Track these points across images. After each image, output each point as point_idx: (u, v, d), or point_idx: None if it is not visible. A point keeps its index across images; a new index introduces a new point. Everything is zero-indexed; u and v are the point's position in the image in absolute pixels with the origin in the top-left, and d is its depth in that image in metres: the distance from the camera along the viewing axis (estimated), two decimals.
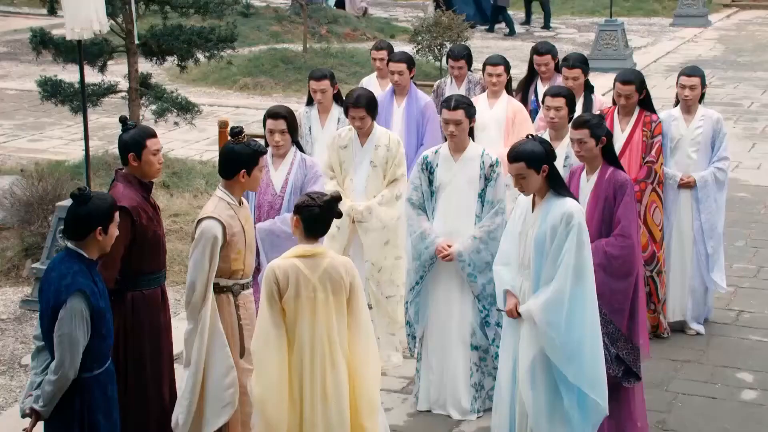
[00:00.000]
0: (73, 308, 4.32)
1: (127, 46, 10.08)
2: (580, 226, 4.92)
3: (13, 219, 8.74)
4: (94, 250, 4.49)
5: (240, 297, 5.07)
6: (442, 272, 6.07)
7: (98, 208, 4.46)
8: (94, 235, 4.44)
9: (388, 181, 6.67)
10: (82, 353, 4.37)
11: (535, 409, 5.02)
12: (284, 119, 6.04)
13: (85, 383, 4.43)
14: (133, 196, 5.14)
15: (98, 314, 4.41)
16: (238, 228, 4.98)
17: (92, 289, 4.39)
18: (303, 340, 4.60)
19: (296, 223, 4.66)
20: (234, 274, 5.03)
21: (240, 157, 5.00)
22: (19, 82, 16.42)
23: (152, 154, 5.21)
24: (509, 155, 5.05)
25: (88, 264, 4.45)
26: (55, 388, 4.36)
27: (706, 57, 18.53)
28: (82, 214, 4.44)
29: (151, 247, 5.15)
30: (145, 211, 5.18)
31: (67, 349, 4.32)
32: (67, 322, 4.32)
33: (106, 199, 4.56)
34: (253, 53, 17.21)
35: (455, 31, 15.14)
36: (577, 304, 4.92)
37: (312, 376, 4.59)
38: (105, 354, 4.53)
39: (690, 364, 6.81)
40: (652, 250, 6.86)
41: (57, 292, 4.35)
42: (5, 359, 6.95)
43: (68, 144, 12.71)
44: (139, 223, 5.10)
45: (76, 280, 4.35)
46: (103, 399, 4.49)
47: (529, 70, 8.31)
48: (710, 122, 7.17)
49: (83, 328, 4.35)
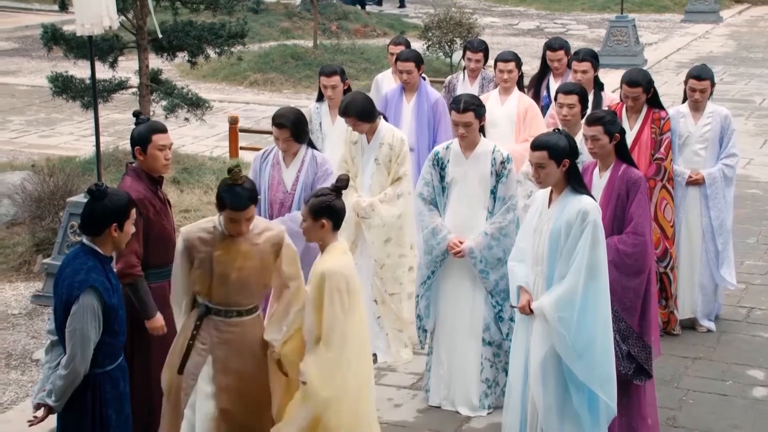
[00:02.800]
0: (85, 304, 4.33)
1: (138, 42, 10.09)
2: (595, 223, 4.91)
3: (25, 214, 8.77)
4: (109, 247, 4.50)
5: (206, 319, 4.79)
6: (454, 267, 6.07)
7: (114, 204, 4.46)
8: (109, 231, 4.44)
9: (392, 179, 6.67)
10: (94, 349, 4.38)
11: (546, 406, 5.01)
12: (288, 129, 6.00)
13: (97, 379, 4.44)
14: (140, 189, 5.17)
15: (110, 310, 4.41)
16: (203, 254, 4.72)
17: (105, 286, 4.40)
18: (354, 336, 4.69)
19: (323, 225, 4.69)
20: (199, 293, 4.82)
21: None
22: (30, 78, 16.47)
23: (157, 150, 5.22)
24: (533, 144, 5.03)
25: (102, 260, 4.45)
26: (66, 383, 4.37)
27: (718, 53, 18.48)
28: (98, 210, 4.44)
29: (158, 241, 5.15)
30: (153, 205, 5.20)
31: (78, 345, 4.34)
32: (79, 318, 4.33)
33: (122, 196, 4.55)
34: (263, 49, 17.23)
35: (465, 27, 15.12)
36: (589, 303, 4.90)
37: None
38: (117, 350, 4.54)
39: (701, 361, 6.80)
40: (665, 246, 6.85)
41: (70, 288, 4.36)
42: (17, 354, 6.97)
43: (79, 140, 12.75)
44: (146, 216, 5.13)
45: (90, 276, 4.36)
46: (114, 394, 4.50)
47: (542, 66, 8.29)
48: (719, 119, 7.15)
49: (95, 324, 4.35)
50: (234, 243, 4.72)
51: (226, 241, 4.72)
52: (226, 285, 4.72)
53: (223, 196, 4.67)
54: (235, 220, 4.67)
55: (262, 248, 4.76)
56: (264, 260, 4.76)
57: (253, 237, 4.76)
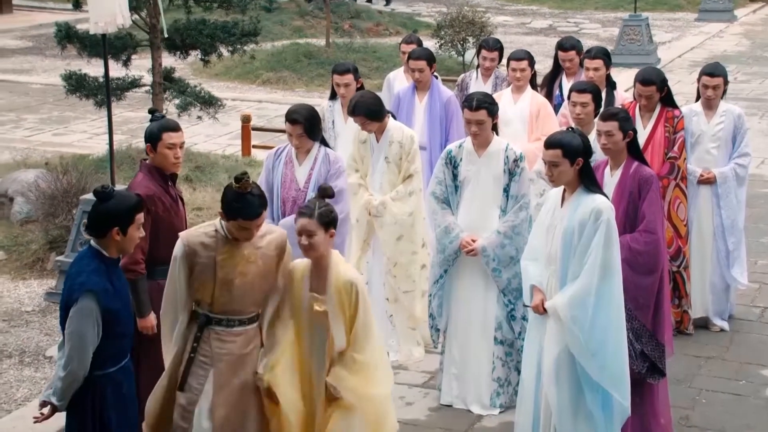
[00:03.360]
0: (82, 308, 4.27)
1: (151, 41, 10.11)
2: (609, 222, 4.89)
3: (38, 212, 8.81)
4: (113, 249, 4.41)
5: (206, 330, 4.63)
6: (467, 266, 6.07)
7: (116, 208, 4.36)
8: (112, 234, 4.37)
9: (403, 177, 6.67)
10: (95, 351, 4.32)
11: (559, 406, 5.00)
12: (301, 125, 5.96)
13: (98, 380, 4.38)
14: (150, 185, 5.18)
15: (111, 314, 4.33)
16: (205, 260, 4.57)
17: (105, 289, 4.32)
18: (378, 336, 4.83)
19: (332, 234, 4.62)
20: (200, 303, 4.65)
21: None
22: (44, 76, 16.53)
23: (167, 147, 5.21)
24: (547, 142, 5.02)
25: (107, 262, 4.39)
26: (64, 384, 4.34)
27: (732, 52, 18.41)
28: (101, 212, 4.38)
29: (167, 238, 5.05)
30: (162, 202, 5.20)
31: (75, 348, 4.29)
32: (76, 321, 4.28)
33: (127, 200, 4.44)
34: (275, 48, 17.24)
35: (478, 26, 15.11)
36: (602, 302, 4.89)
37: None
38: (120, 352, 4.46)
39: (714, 361, 6.77)
40: (678, 245, 6.83)
41: (70, 290, 4.32)
42: (30, 351, 7.00)
43: (92, 138, 12.79)
44: (154, 212, 5.12)
45: (90, 279, 4.30)
46: (116, 396, 4.43)
47: (554, 65, 8.28)
48: (732, 117, 7.12)
49: (93, 328, 4.29)
50: (237, 247, 4.58)
51: (228, 245, 4.57)
52: (229, 291, 4.57)
53: (233, 206, 4.49)
54: (247, 228, 4.53)
55: (266, 251, 4.62)
56: (267, 264, 4.63)
57: (255, 240, 4.61)
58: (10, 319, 7.54)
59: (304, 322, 4.68)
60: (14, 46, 19.36)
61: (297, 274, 4.69)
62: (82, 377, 4.34)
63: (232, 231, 4.57)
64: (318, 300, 4.61)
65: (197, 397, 4.58)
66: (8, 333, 7.31)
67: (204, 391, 4.58)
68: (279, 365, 4.62)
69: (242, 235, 4.56)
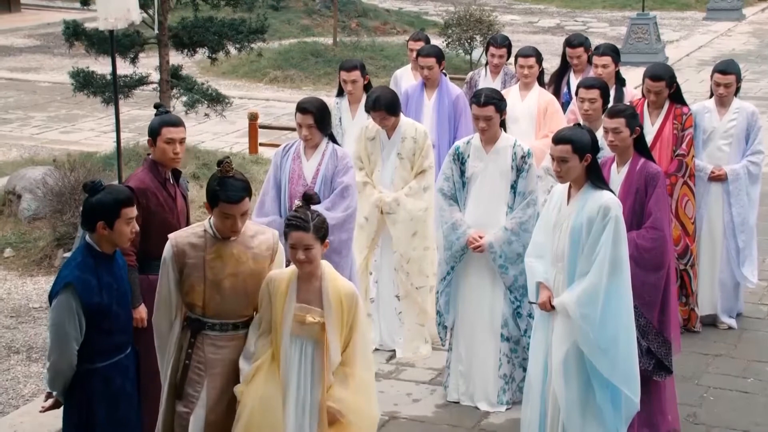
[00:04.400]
0: (60, 301, 4.23)
1: (159, 38, 10.13)
2: (617, 219, 4.87)
3: (46, 209, 8.83)
4: (105, 244, 4.35)
5: (200, 336, 4.51)
6: (473, 263, 6.06)
7: (101, 202, 4.28)
8: (98, 228, 4.30)
9: (416, 172, 6.66)
10: (82, 345, 4.28)
11: (568, 403, 4.98)
12: (312, 114, 5.93)
13: (86, 374, 4.34)
14: (145, 179, 5.15)
15: (95, 309, 4.26)
16: (194, 260, 4.45)
17: (87, 284, 4.24)
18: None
19: (327, 245, 4.44)
20: (192, 308, 4.52)
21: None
22: (51, 74, 16.58)
23: (165, 142, 5.18)
24: (555, 137, 5.00)
25: (98, 257, 4.33)
26: (50, 375, 4.33)
27: (740, 51, 18.38)
28: (87, 206, 4.33)
29: (159, 234, 4.94)
30: (156, 196, 5.16)
31: (54, 340, 4.26)
32: (56, 314, 4.25)
33: (115, 194, 4.34)
34: (283, 46, 17.27)
35: (485, 25, 15.12)
36: (612, 299, 4.87)
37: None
38: (111, 348, 4.39)
39: (721, 358, 6.76)
40: (685, 243, 6.81)
41: (55, 282, 4.32)
42: (38, 347, 7.01)
43: (100, 135, 12.82)
44: (146, 206, 5.07)
45: (72, 273, 4.26)
46: (105, 392, 4.37)
47: (562, 62, 8.27)
48: (745, 115, 7.10)
49: (73, 322, 4.23)
50: (226, 246, 4.45)
51: (218, 245, 4.44)
52: (220, 293, 4.44)
53: (215, 189, 4.36)
54: (229, 215, 4.37)
55: (257, 252, 4.50)
56: (259, 264, 4.50)
57: (246, 240, 4.49)
58: (18, 316, 7.56)
59: (284, 335, 4.43)
60: (22, 44, 19.42)
61: (281, 286, 4.43)
62: (67, 369, 4.31)
63: (218, 225, 4.45)
64: (311, 311, 4.42)
65: (194, 405, 4.51)
66: (16, 329, 7.33)
67: (200, 398, 4.51)
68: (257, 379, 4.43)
69: (227, 226, 4.40)
